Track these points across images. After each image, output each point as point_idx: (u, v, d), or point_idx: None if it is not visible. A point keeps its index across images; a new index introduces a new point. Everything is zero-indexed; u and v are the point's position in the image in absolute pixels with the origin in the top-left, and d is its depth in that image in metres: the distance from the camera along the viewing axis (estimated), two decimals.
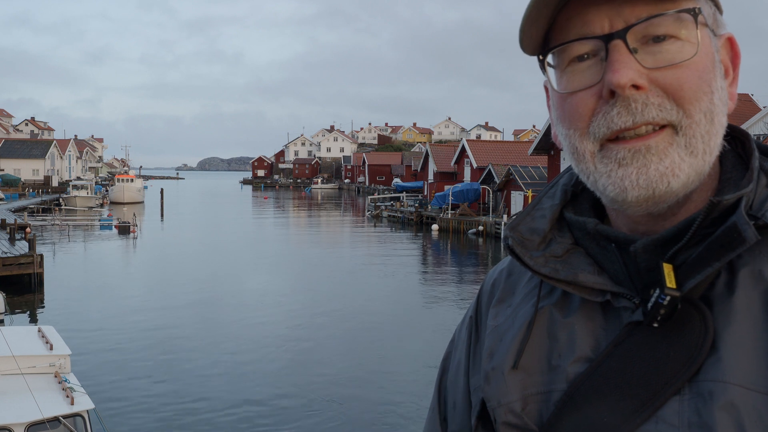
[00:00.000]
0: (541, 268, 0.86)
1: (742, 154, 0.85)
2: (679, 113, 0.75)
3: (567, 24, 0.79)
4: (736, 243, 0.74)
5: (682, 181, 0.76)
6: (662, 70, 0.75)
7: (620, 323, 0.81)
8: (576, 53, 0.79)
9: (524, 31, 0.81)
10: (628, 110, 0.75)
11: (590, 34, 0.77)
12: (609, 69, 0.75)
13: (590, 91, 0.78)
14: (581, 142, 0.80)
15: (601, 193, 0.81)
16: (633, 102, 0.75)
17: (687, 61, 0.75)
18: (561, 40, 0.80)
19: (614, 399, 0.77)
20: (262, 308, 20.53)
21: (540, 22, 0.80)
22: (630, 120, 0.75)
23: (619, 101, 0.75)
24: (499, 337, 0.92)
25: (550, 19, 0.80)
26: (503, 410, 0.86)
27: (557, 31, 0.80)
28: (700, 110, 0.76)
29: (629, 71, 0.74)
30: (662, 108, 0.75)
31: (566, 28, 0.79)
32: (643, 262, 0.79)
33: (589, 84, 0.78)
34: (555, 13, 0.80)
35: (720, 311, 0.75)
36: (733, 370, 0.71)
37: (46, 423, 7.24)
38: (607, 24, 0.76)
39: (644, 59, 0.75)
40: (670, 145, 0.75)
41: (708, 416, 0.71)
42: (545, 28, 0.81)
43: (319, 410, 12.14)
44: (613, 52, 0.75)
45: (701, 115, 0.76)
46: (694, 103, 0.75)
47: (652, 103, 0.75)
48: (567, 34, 0.79)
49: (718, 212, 0.76)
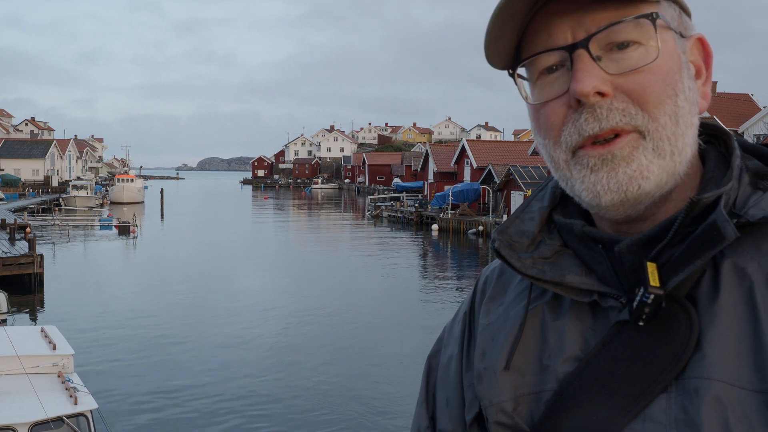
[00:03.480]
0: (529, 270, 0.87)
1: (725, 153, 0.86)
2: (644, 117, 0.77)
3: (534, 37, 0.81)
4: (716, 240, 0.75)
5: (653, 182, 0.77)
6: (625, 75, 0.77)
7: (608, 323, 0.82)
8: (544, 65, 0.81)
9: (489, 48, 0.83)
10: (594, 117, 0.77)
11: (555, 45, 0.79)
12: (573, 78, 0.77)
13: (560, 101, 0.80)
14: (555, 151, 0.82)
15: (579, 199, 0.83)
16: (598, 108, 0.77)
17: (648, 65, 0.77)
18: (529, 53, 0.82)
19: (602, 398, 0.77)
20: (263, 308, 20.55)
21: (506, 37, 0.82)
22: (597, 126, 0.77)
23: (585, 109, 0.77)
24: (491, 336, 0.93)
25: (518, 33, 0.82)
26: (495, 410, 0.88)
27: (526, 44, 0.82)
28: (664, 113, 0.77)
29: (592, 79, 0.76)
30: (626, 113, 0.77)
31: (533, 41, 0.81)
32: (629, 262, 0.80)
33: (558, 94, 0.80)
34: (521, 27, 0.82)
35: (705, 309, 0.76)
36: (718, 367, 0.72)
37: (50, 423, 7.26)
38: (570, 34, 0.78)
39: (608, 66, 0.77)
40: (635, 149, 0.77)
41: (694, 413, 0.72)
42: (513, 42, 0.83)
43: (320, 410, 12.18)
44: (576, 61, 0.77)
45: (666, 118, 0.77)
46: (658, 107, 0.77)
47: (617, 108, 0.77)
48: (534, 47, 0.81)
49: (698, 210, 0.77)
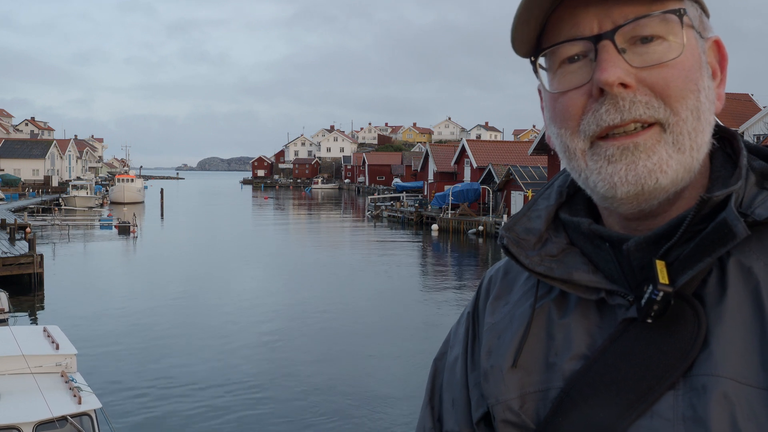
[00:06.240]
0: (536, 267, 0.88)
1: (731, 153, 0.87)
2: (666, 111, 0.77)
3: (558, 26, 0.81)
4: (727, 238, 0.75)
5: (670, 177, 0.78)
6: (649, 69, 0.77)
7: (615, 320, 0.82)
8: (567, 54, 0.81)
9: (516, 33, 0.83)
10: (616, 108, 0.77)
11: (580, 35, 0.79)
12: (598, 68, 0.77)
13: (580, 91, 0.80)
14: (572, 141, 0.82)
15: (592, 191, 0.83)
16: (621, 100, 0.77)
17: (673, 61, 0.77)
18: (552, 42, 0.82)
19: (610, 395, 0.78)
20: (263, 307, 20.58)
21: (531, 24, 0.82)
22: (618, 117, 0.77)
23: (607, 99, 0.77)
24: (497, 335, 0.93)
25: (541, 21, 0.82)
26: (501, 408, 0.88)
27: (548, 33, 0.83)
28: (686, 108, 0.78)
29: (617, 70, 0.76)
30: (649, 106, 0.77)
31: (557, 30, 0.81)
32: (636, 260, 0.81)
33: (579, 83, 0.80)
34: (546, 15, 0.82)
35: (712, 307, 0.77)
36: (725, 365, 0.73)
37: (55, 422, 7.28)
38: (596, 25, 0.78)
39: (632, 59, 0.77)
40: (657, 142, 0.78)
41: (702, 410, 0.72)
42: (537, 30, 0.83)
43: (319, 410, 12.20)
44: (602, 52, 0.77)
45: (688, 113, 0.78)
46: (680, 101, 0.77)
47: (639, 101, 0.77)
48: (558, 36, 0.81)
49: (708, 209, 0.78)
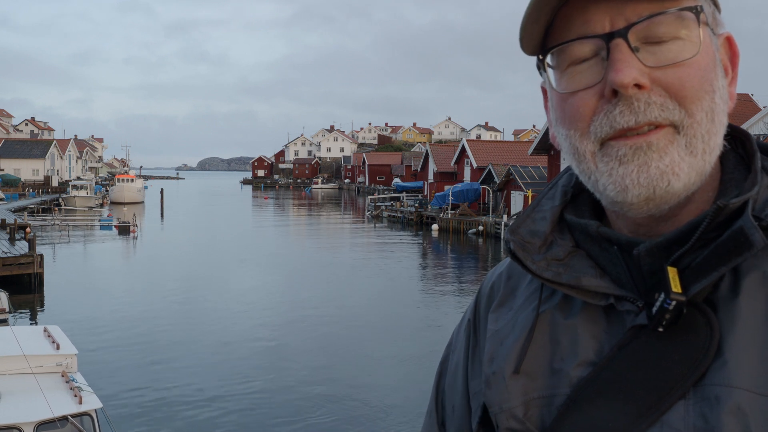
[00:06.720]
0: (544, 272, 0.85)
1: (742, 154, 0.84)
2: (681, 113, 0.74)
3: (567, 23, 0.78)
4: (743, 247, 0.72)
5: (682, 181, 0.75)
6: (664, 69, 0.74)
7: (623, 327, 0.80)
8: (576, 53, 0.78)
9: (525, 31, 0.80)
10: (630, 109, 0.74)
11: (591, 33, 0.76)
12: (611, 68, 0.74)
13: (591, 91, 0.77)
14: (582, 142, 0.79)
15: (602, 194, 0.80)
16: (636, 101, 0.74)
17: (689, 60, 0.74)
18: (561, 40, 0.78)
19: (619, 403, 0.76)
20: (263, 307, 20.58)
21: (540, 21, 0.79)
22: (633, 119, 0.74)
23: (621, 100, 0.74)
24: (500, 341, 0.91)
25: (550, 18, 0.79)
26: (505, 416, 0.85)
27: (557, 31, 0.79)
28: (701, 109, 0.75)
29: (632, 70, 0.73)
30: (664, 107, 0.74)
31: (566, 27, 0.78)
32: (647, 265, 0.78)
33: (590, 84, 0.77)
34: (555, 12, 0.78)
35: (725, 315, 0.74)
36: (739, 375, 0.70)
37: (56, 422, 7.28)
38: (608, 23, 0.75)
39: (646, 58, 0.74)
40: (670, 143, 0.75)
41: (714, 421, 0.70)
42: (545, 27, 0.80)
43: (319, 410, 12.20)
44: (614, 51, 0.74)
45: (702, 115, 0.75)
46: (696, 102, 0.74)
47: (655, 103, 0.74)
48: (567, 34, 0.78)
49: (724, 216, 0.75)
